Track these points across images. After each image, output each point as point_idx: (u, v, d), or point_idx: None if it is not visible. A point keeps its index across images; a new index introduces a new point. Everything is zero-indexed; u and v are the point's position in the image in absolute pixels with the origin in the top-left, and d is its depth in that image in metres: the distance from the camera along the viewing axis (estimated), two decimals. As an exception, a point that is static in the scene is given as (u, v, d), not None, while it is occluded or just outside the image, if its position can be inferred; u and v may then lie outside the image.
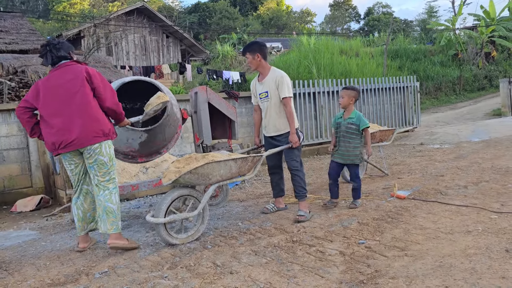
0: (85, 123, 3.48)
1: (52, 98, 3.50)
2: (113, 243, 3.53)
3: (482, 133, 9.96)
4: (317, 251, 3.29)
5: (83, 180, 3.74)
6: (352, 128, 4.52)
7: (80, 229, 3.74)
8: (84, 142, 3.49)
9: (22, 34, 15.89)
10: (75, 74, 3.52)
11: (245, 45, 4.58)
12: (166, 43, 21.55)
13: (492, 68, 22.12)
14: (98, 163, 3.57)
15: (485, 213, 3.91)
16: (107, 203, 3.57)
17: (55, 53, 3.57)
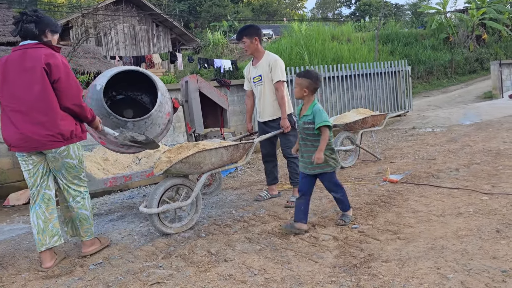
0: (39, 124, 2.98)
1: (8, 87, 3.01)
2: (87, 252, 3.32)
3: (473, 116, 10.01)
4: (310, 237, 3.31)
5: (44, 183, 3.18)
6: (310, 129, 3.43)
7: (41, 243, 3.13)
8: (38, 146, 3.02)
9: (9, 25, 15.63)
10: (34, 62, 2.95)
11: (241, 29, 4.44)
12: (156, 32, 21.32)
13: (483, 51, 22.15)
14: (66, 167, 3.15)
15: (476, 195, 3.95)
16: (80, 210, 3.26)
17: (25, 26, 3.00)
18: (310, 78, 3.42)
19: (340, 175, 5.46)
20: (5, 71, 3.03)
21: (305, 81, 3.43)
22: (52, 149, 3.07)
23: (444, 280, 2.41)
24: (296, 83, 3.48)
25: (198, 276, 2.78)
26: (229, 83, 8.44)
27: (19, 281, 3.01)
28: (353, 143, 6.03)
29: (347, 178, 5.27)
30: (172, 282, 2.72)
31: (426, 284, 2.39)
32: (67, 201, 3.29)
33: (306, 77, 3.43)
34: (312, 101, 3.47)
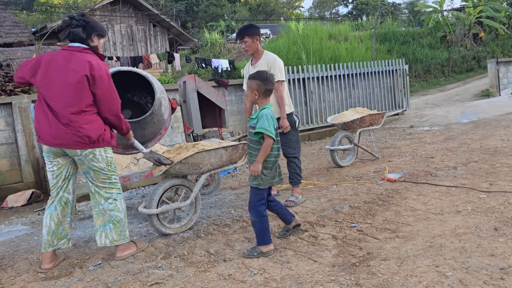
0: (69, 124, 2.99)
1: (48, 84, 3.03)
2: (121, 256, 3.23)
3: (471, 114, 10.04)
4: (309, 236, 3.32)
5: (64, 186, 3.20)
6: (251, 134, 3.10)
7: (48, 244, 3.17)
8: (62, 143, 3.03)
9: (6, 27, 15.59)
10: (79, 66, 2.99)
11: (242, 28, 4.40)
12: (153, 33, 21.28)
13: (480, 49, 22.19)
14: (93, 170, 3.14)
15: (474, 193, 3.97)
16: (113, 212, 3.19)
17: (73, 30, 3.07)
18: (259, 80, 3.11)
19: (339, 174, 5.48)
20: (48, 69, 3.05)
21: (254, 83, 3.12)
22: (78, 151, 3.05)
23: (443, 278, 2.42)
24: (247, 86, 3.22)
25: (197, 276, 2.79)
26: (227, 83, 8.44)
27: (19, 282, 3.01)
28: (351, 142, 6.04)
29: (345, 177, 5.28)
30: (172, 283, 2.73)
31: (425, 282, 2.40)
32: (99, 204, 3.20)
33: (255, 79, 3.13)
34: (264, 105, 3.13)
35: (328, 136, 9.25)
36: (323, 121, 9.35)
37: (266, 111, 3.05)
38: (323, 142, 8.77)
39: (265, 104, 3.12)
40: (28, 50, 11.20)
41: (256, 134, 3.03)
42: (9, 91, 8.96)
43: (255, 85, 3.12)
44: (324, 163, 6.39)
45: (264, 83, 3.10)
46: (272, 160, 3.07)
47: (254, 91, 3.12)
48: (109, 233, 3.19)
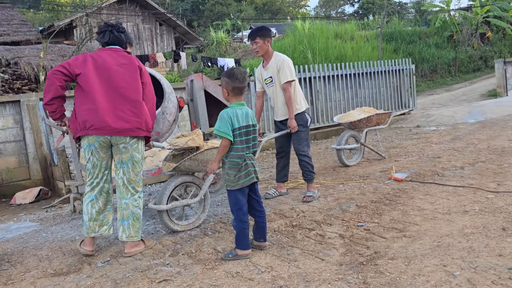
0: (133, 111, 3.18)
1: (99, 75, 3.19)
2: (130, 252, 3.26)
3: (478, 114, 9.99)
4: (316, 235, 3.33)
5: (105, 177, 3.33)
6: None
7: (91, 230, 3.29)
8: (122, 131, 3.16)
9: (13, 25, 15.71)
10: (129, 60, 3.30)
11: (254, 29, 4.46)
12: (159, 31, 21.34)
13: (487, 49, 22.06)
14: (133, 160, 3.25)
15: (481, 193, 3.95)
16: (135, 208, 3.29)
17: (115, 34, 3.35)
18: (227, 77, 3.04)
19: (345, 173, 5.48)
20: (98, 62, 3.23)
21: (223, 80, 3.07)
22: (127, 138, 3.21)
23: (451, 278, 2.42)
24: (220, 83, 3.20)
25: (205, 274, 2.80)
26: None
27: (28, 278, 3.04)
28: (358, 142, 6.03)
29: (351, 176, 5.28)
30: (180, 280, 2.75)
31: (432, 281, 2.40)
32: (124, 198, 3.30)
33: (224, 76, 3.07)
34: (234, 102, 3.06)
35: (334, 136, 9.24)
36: (329, 120, 9.35)
37: (225, 111, 3.00)
38: (329, 141, 8.77)
39: (236, 102, 3.06)
40: (35, 48, 11.27)
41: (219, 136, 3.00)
42: (16, 89, 9.05)
43: (223, 82, 3.07)
44: (330, 162, 6.39)
45: (231, 80, 3.02)
46: (235, 160, 3.00)
47: (224, 88, 3.08)
48: (127, 229, 3.26)
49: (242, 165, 3.01)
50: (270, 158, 7.28)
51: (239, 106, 3.05)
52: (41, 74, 9.32)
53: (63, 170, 5.56)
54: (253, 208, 3.13)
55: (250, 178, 3.04)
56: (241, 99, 3.10)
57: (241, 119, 3.01)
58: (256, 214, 3.14)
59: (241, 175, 3.00)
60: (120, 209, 3.30)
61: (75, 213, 4.84)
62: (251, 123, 3.07)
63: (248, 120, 3.05)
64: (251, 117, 3.09)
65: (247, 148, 3.05)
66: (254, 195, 3.12)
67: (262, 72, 4.56)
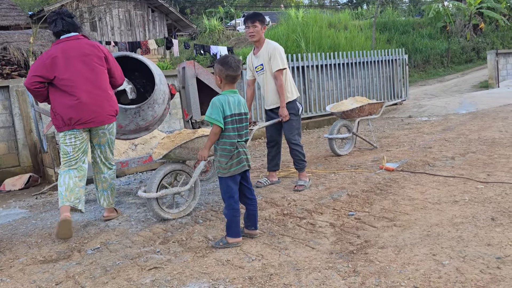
0: (104, 101, 3.53)
1: (71, 70, 3.41)
2: (109, 216, 3.85)
3: (469, 105, 10.04)
4: (307, 223, 3.33)
5: (83, 158, 3.62)
6: None
7: (66, 199, 3.44)
8: (104, 120, 3.54)
9: (2, 10, 15.38)
10: (91, 50, 3.50)
11: (253, 13, 4.44)
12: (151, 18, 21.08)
13: (480, 40, 22.12)
14: (110, 142, 3.72)
15: (471, 183, 3.98)
16: (113, 180, 3.83)
17: (68, 21, 3.47)
18: (221, 64, 3.00)
19: (337, 163, 5.49)
20: (65, 58, 3.42)
21: (216, 68, 3.04)
22: (106, 125, 3.60)
23: (440, 266, 2.44)
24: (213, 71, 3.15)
25: (195, 261, 2.80)
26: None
27: (17, 265, 3.02)
28: (350, 131, 6.04)
29: (343, 165, 5.29)
30: (170, 267, 2.74)
31: (422, 270, 2.42)
32: (102, 173, 3.77)
33: (217, 63, 3.04)
34: (226, 89, 3.04)
35: (326, 125, 9.24)
36: (322, 109, 9.34)
37: (216, 98, 2.98)
38: (321, 130, 8.77)
39: (228, 89, 3.04)
40: (25, 33, 11.07)
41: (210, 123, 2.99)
42: (6, 74, 8.91)
43: (217, 69, 3.04)
44: (322, 151, 6.39)
45: (225, 68, 2.98)
46: (227, 148, 2.98)
47: (217, 76, 3.05)
48: (107, 198, 3.83)
49: (234, 153, 2.99)
50: (262, 147, 7.26)
51: (231, 93, 3.03)
52: (31, 60, 9.17)
53: (52, 156, 5.51)
54: (244, 196, 3.13)
55: (242, 166, 3.03)
56: (234, 87, 3.07)
57: (233, 107, 2.98)
58: (248, 202, 3.14)
59: (233, 163, 2.99)
60: (100, 182, 3.80)
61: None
62: (243, 111, 3.05)
63: (240, 108, 3.03)
64: (243, 105, 3.06)
65: (239, 136, 3.03)
66: (245, 183, 3.11)
67: (253, 60, 4.52)
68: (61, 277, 2.76)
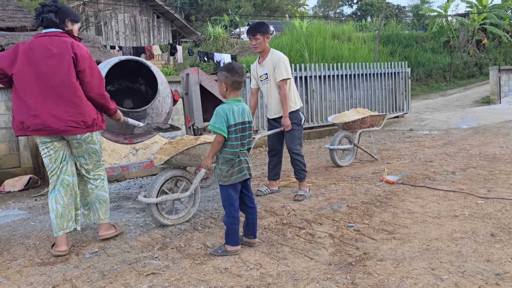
0: (63, 109, 3.00)
1: (31, 71, 2.99)
2: (104, 235, 3.37)
3: (471, 120, 10.06)
4: (306, 234, 3.33)
5: (64, 168, 3.20)
6: None
7: (59, 228, 3.17)
8: (64, 130, 3.04)
9: (9, 11, 15.50)
10: (61, 49, 3.00)
11: (255, 24, 4.42)
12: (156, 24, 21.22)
13: (483, 56, 22.22)
14: (89, 152, 3.25)
15: (472, 198, 3.98)
16: (100, 191, 3.34)
17: (47, 16, 3.07)
18: (227, 71, 2.99)
19: (337, 174, 5.49)
20: (29, 55, 3.01)
21: (222, 75, 3.00)
22: (77, 135, 3.11)
23: (438, 281, 2.43)
24: (217, 79, 3.10)
25: (194, 268, 2.79)
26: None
27: (14, 267, 3.01)
28: (351, 143, 6.04)
29: (343, 177, 5.29)
30: (168, 274, 2.73)
31: (420, 284, 2.41)
32: (88, 183, 3.34)
33: (223, 70, 3.02)
34: (231, 98, 3.02)
35: (327, 136, 9.25)
36: (323, 120, 9.36)
37: (221, 107, 2.94)
38: (322, 141, 8.78)
39: (233, 97, 3.01)
40: (30, 35, 11.13)
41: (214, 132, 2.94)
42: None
43: (222, 77, 2.99)
44: (323, 162, 6.40)
45: (230, 74, 2.97)
46: (228, 157, 2.96)
47: (222, 83, 3.00)
48: (95, 212, 3.37)
49: (235, 161, 2.98)
50: (263, 156, 7.27)
51: (235, 102, 3.01)
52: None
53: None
54: (245, 205, 3.12)
55: (243, 175, 3.02)
56: (238, 95, 3.08)
57: (237, 115, 2.98)
58: (248, 211, 3.13)
59: (234, 171, 2.98)
60: (85, 195, 3.38)
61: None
62: (247, 120, 3.05)
63: (244, 116, 3.03)
64: (247, 113, 3.06)
65: (241, 144, 3.02)
66: (246, 192, 3.11)
67: (257, 69, 4.55)
68: (58, 280, 2.75)
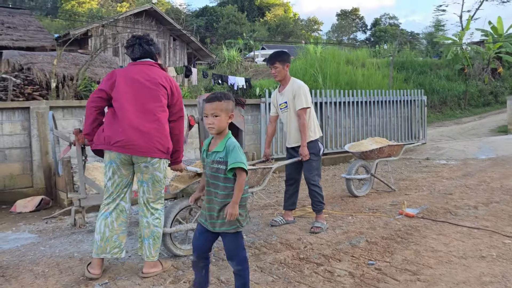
0: (153, 132, 3.09)
1: (129, 90, 3.12)
2: (149, 273, 3.16)
3: (489, 150, 9.84)
4: (325, 271, 3.18)
5: (122, 195, 3.23)
6: (220, 171, 2.56)
7: (100, 251, 3.14)
8: (144, 151, 3.07)
9: (30, 31, 15.88)
10: (159, 76, 3.19)
11: (274, 53, 4.41)
12: (173, 46, 21.53)
13: (498, 84, 22.03)
14: (153, 180, 3.18)
15: (498, 237, 3.80)
16: (155, 228, 3.21)
17: (145, 47, 3.24)
18: (231, 99, 2.62)
19: (354, 204, 5.33)
20: (126, 77, 3.17)
21: (228, 104, 2.59)
22: (148, 158, 3.11)
23: (470, 332, 2.26)
24: (218, 109, 2.55)
25: (207, 306, 2.66)
26: (244, 102, 8.34)
27: (22, 296, 2.91)
28: (368, 172, 5.91)
29: (360, 208, 5.14)
30: (180, 311, 2.60)
31: (450, 335, 2.25)
32: (145, 217, 3.23)
33: (228, 99, 2.60)
34: (226, 133, 2.63)
35: (342, 162, 9.11)
36: (338, 146, 9.23)
37: (235, 141, 2.58)
38: (336, 168, 8.64)
39: (228, 133, 2.64)
40: (49, 55, 11.33)
41: (230, 171, 2.51)
42: (27, 94, 9.03)
43: (230, 105, 2.60)
44: (338, 191, 6.25)
45: (232, 100, 2.64)
46: (246, 196, 2.63)
47: (230, 113, 2.60)
48: (147, 248, 3.18)
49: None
50: (277, 182, 7.15)
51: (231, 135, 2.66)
52: (53, 81, 9.31)
53: (66, 181, 5.46)
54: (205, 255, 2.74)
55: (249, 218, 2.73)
56: None
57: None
58: (205, 259, 2.75)
59: (247, 214, 2.69)
60: (142, 227, 3.23)
61: (75, 227, 4.71)
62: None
63: None
64: None
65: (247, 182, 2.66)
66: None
67: (277, 97, 4.51)
68: (66, 313, 2.64)
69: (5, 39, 14.53)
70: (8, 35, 14.89)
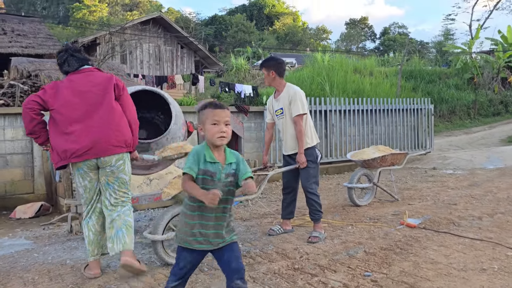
0: (109, 131, 3.17)
1: (79, 103, 3.17)
2: (128, 261, 3.05)
3: (497, 160, 9.65)
4: (319, 282, 3.09)
5: (98, 198, 3.35)
6: (232, 183, 2.33)
7: (91, 253, 3.30)
8: (105, 151, 3.15)
9: (39, 38, 16.07)
10: (103, 79, 3.28)
11: (264, 59, 4.50)
12: (180, 54, 21.64)
13: (508, 94, 21.73)
14: (119, 182, 3.28)
15: (501, 249, 3.67)
16: (127, 217, 3.26)
17: (78, 56, 3.31)
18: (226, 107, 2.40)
19: (355, 214, 5.23)
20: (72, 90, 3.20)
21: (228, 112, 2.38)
22: (113, 161, 3.20)
23: None
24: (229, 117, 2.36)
25: (195, 317, 2.58)
26: (247, 109, 8.35)
27: (9, 304, 2.86)
28: (371, 181, 5.80)
29: (361, 217, 5.03)
30: (167, 322, 2.52)
31: None
32: (115, 211, 3.26)
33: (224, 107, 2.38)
34: None
35: (346, 171, 9.00)
36: (343, 155, 9.13)
37: (238, 152, 2.42)
38: (341, 177, 8.52)
39: None
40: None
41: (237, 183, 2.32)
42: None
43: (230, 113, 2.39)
44: (340, 200, 6.15)
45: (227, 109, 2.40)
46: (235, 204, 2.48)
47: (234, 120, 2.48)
48: (122, 238, 3.18)
49: None
50: (278, 190, 7.06)
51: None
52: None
53: (65, 187, 5.45)
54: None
55: None
56: None
57: None
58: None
59: None
60: (112, 222, 3.24)
61: (71, 234, 4.68)
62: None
63: None
64: None
65: None
66: None
67: (273, 103, 4.45)
68: (51, 322, 2.58)
69: (15, 46, 14.73)
70: (18, 42, 15.09)
